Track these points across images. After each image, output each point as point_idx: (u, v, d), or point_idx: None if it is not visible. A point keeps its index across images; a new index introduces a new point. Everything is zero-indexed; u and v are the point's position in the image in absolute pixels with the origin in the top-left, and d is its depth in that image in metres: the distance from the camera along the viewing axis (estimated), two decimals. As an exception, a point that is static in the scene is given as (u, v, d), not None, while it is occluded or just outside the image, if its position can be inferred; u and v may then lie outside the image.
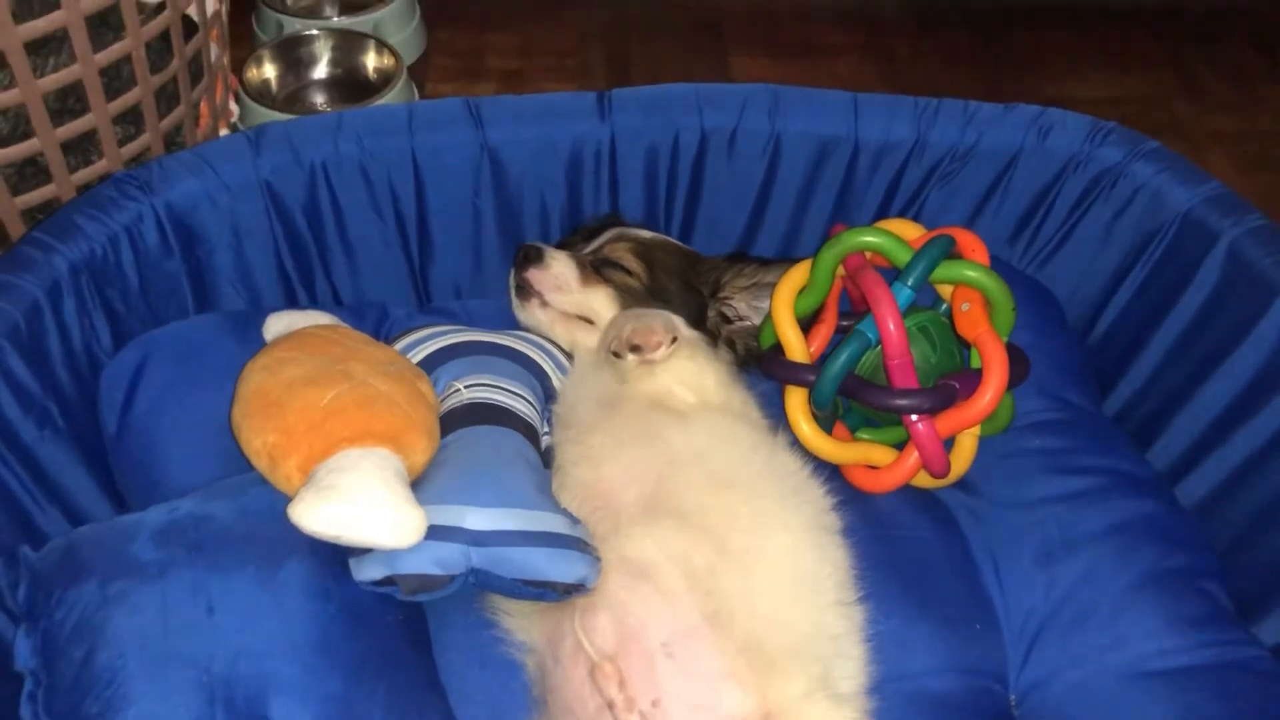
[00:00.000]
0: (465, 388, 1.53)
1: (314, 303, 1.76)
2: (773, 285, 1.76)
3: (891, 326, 1.57)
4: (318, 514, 1.22)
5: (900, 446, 1.72)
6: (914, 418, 1.59)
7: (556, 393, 1.66)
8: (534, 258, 1.60)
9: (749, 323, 1.79)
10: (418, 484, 1.38)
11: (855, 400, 1.66)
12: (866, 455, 1.71)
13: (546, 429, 1.61)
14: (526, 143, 1.68)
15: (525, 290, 1.60)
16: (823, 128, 1.80)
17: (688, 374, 1.49)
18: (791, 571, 1.36)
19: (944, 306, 1.74)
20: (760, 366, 1.73)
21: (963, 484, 1.68)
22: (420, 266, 1.80)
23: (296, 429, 1.34)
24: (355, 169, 1.67)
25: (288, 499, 1.31)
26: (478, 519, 1.31)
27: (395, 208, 1.72)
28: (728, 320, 1.78)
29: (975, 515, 1.66)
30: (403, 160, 1.66)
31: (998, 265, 1.53)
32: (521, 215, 1.76)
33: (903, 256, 1.66)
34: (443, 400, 1.54)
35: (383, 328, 1.82)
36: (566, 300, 1.60)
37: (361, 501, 1.24)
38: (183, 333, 1.59)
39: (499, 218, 1.73)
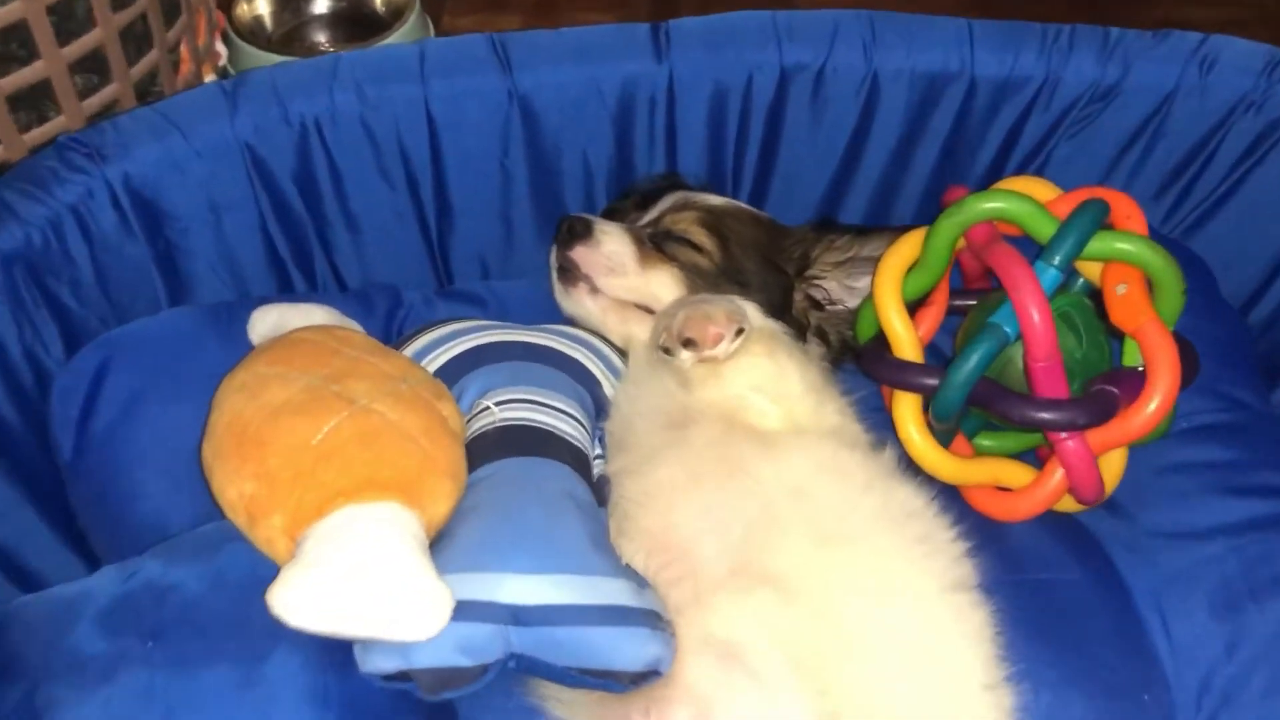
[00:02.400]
0: (497, 406, 1.21)
1: (313, 288, 1.56)
2: (873, 261, 1.44)
3: (1037, 319, 1.23)
4: (305, 604, 0.91)
5: (1025, 455, 1.42)
6: (1064, 434, 1.25)
7: (609, 403, 1.35)
8: (580, 233, 1.36)
9: (843, 307, 1.48)
10: (439, 542, 1.06)
11: (986, 411, 1.31)
12: (996, 475, 1.38)
13: (599, 451, 1.28)
14: (565, 88, 1.43)
15: (570, 273, 1.37)
16: (930, 62, 1.51)
17: (764, 377, 1.23)
18: (928, 652, 1.03)
19: (1080, 282, 1.39)
20: (860, 364, 1.40)
21: (1110, 505, 1.36)
22: (439, 242, 1.57)
23: (280, 477, 1.03)
24: (357, 125, 1.42)
25: (274, 564, 0.99)
26: (518, 589, 1.02)
27: (407, 171, 1.47)
28: (817, 305, 1.47)
29: (1131, 548, 1.33)
30: (415, 113, 1.41)
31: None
32: (560, 177, 1.52)
33: (1045, 228, 1.31)
34: (469, 420, 1.22)
35: (395, 317, 1.54)
36: (621, 285, 1.36)
37: (364, 584, 0.93)
38: (152, 331, 1.35)
39: (533, 181, 1.50)
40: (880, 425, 1.39)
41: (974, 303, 1.50)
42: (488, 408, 1.23)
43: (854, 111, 1.51)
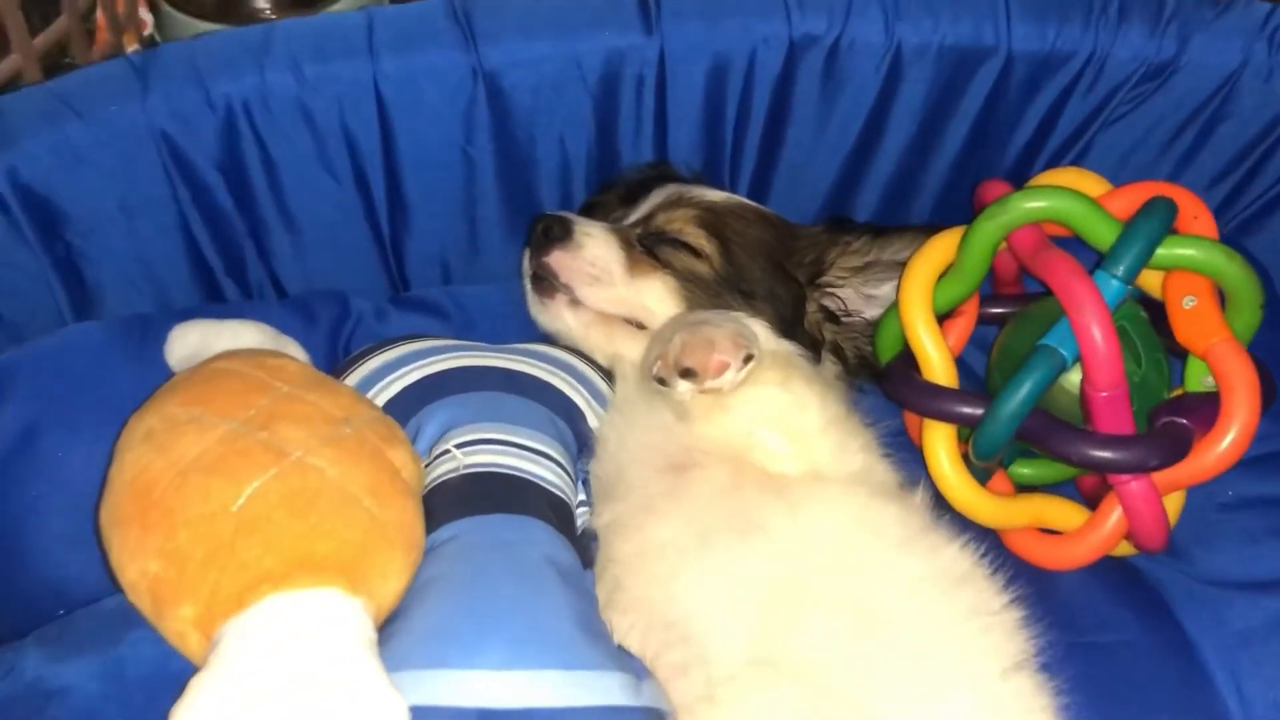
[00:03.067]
0: (461, 448, 1.01)
1: (246, 297, 1.39)
2: (895, 266, 1.26)
3: (1101, 343, 1.04)
4: (219, 734, 0.70)
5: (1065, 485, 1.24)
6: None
7: (595, 437, 1.16)
8: (558, 235, 1.21)
9: (861, 318, 1.29)
10: (391, 626, 0.86)
11: (1038, 447, 1.12)
12: (1042, 516, 1.20)
13: (583, 496, 1.08)
14: (538, 64, 1.26)
15: (547, 283, 1.22)
16: (961, 35, 1.33)
17: (777, 410, 1.07)
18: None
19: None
20: (884, 387, 1.23)
21: (1168, 545, 1.15)
22: (392, 243, 1.40)
23: (191, 555, 0.82)
24: (293, 109, 1.24)
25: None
26: (490, 690, 0.84)
27: (353, 162, 1.29)
28: (832, 317, 1.29)
29: (1196, 599, 1.16)
30: (362, 94, 1.24)
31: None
32: (533, 168, 1.36)
33: (1103, 231, 1.12)
34: (428, 466, 1.01)
35: (342, 331, 1.35)
36: (607, 297, 1.20)
37: (295, 700, 0.72)
38: (50, 352, 1.16)
39: (501, 173, 1.34)
40: (904, 452, 1.20)
41: (1009, 310, 1.31)
42: (449, 451, 1.02)
43: (872, 92, 1.35)
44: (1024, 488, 1.30)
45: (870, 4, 1.31)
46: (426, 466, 1.05)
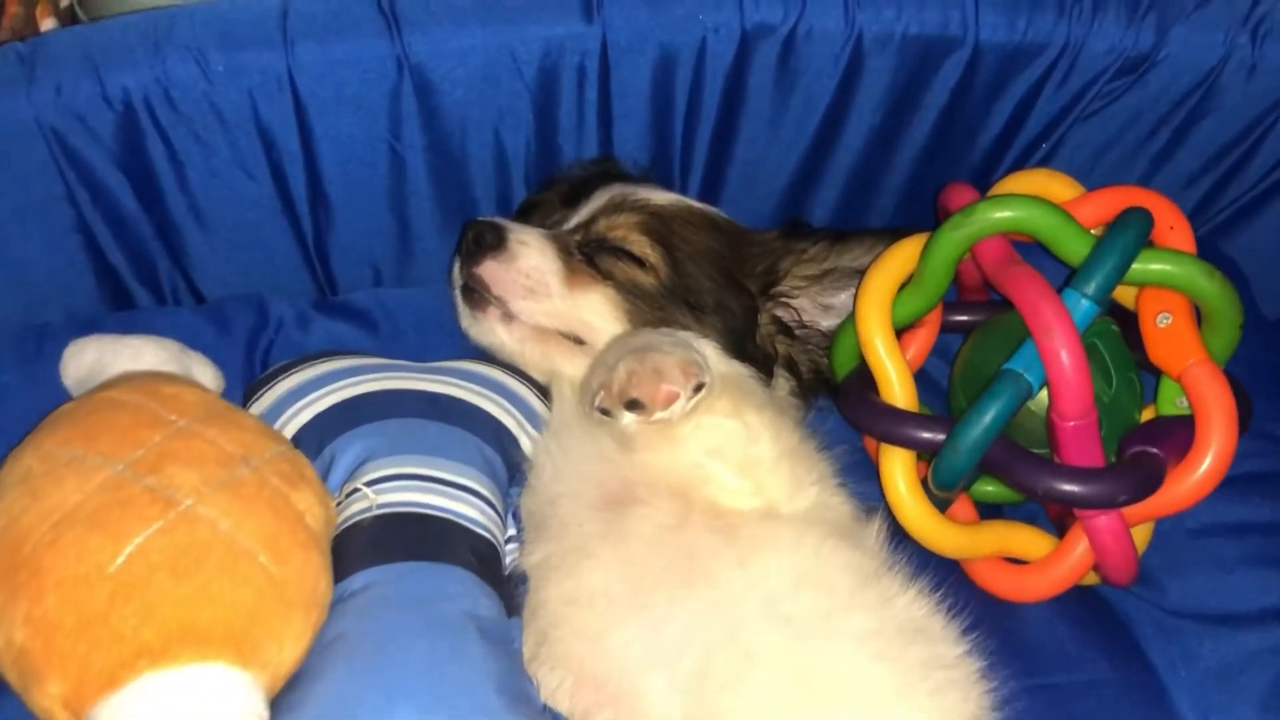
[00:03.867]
0: (375, 485, 0.92)
1: (160, 302, 1.31)
2: (853, 274, 1.20)
3: (1069, 369, 0.97)
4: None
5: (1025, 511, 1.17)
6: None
7: (528, 464, 1.07)
8: (490, 243, 1.13)
9: (817, 329, 1.22)
10: (290, 696, 0.77)
11: (1000, 478, 1.05)
12: (1006, 544, 1.13)
13: (512, 531, 0.99)
14: (469, 54, 1.16)
15: (478, 295, 1.15)
16: (926, 24, 1.23)
17: (728, 440, 1.00)
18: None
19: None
20: (841, 407, 1.15)
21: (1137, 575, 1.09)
22: (315, 243, 1.31)
23: (60, 624, 0.74)
24: (200, 103, 1.14)
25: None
26: None
27: (270, 159, 1.20)
28: (786, 330, 1.21)
29: (1166, 633, 1.11)
30: (275, 87, 1.14)
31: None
32: (466, 165, 1.27)
33: (1075, 245, 1.05)
34: (339, 504, 0.92)
35: (259, 341, 1.27)
36: (543, 310, 1.13)
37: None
38: None
39: (433, 169, 1.25)
40: (864, 470, 1.13)
41: (973, 319, 1.23)
42: (360, 491, 0.93)
43: (830, 84, 1.26)
44: (988, 507, 1.22)
45: (830, -11, 1.21)
46: (338, 504, 0.96)
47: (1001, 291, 1.07)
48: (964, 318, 1.26)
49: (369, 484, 0.96)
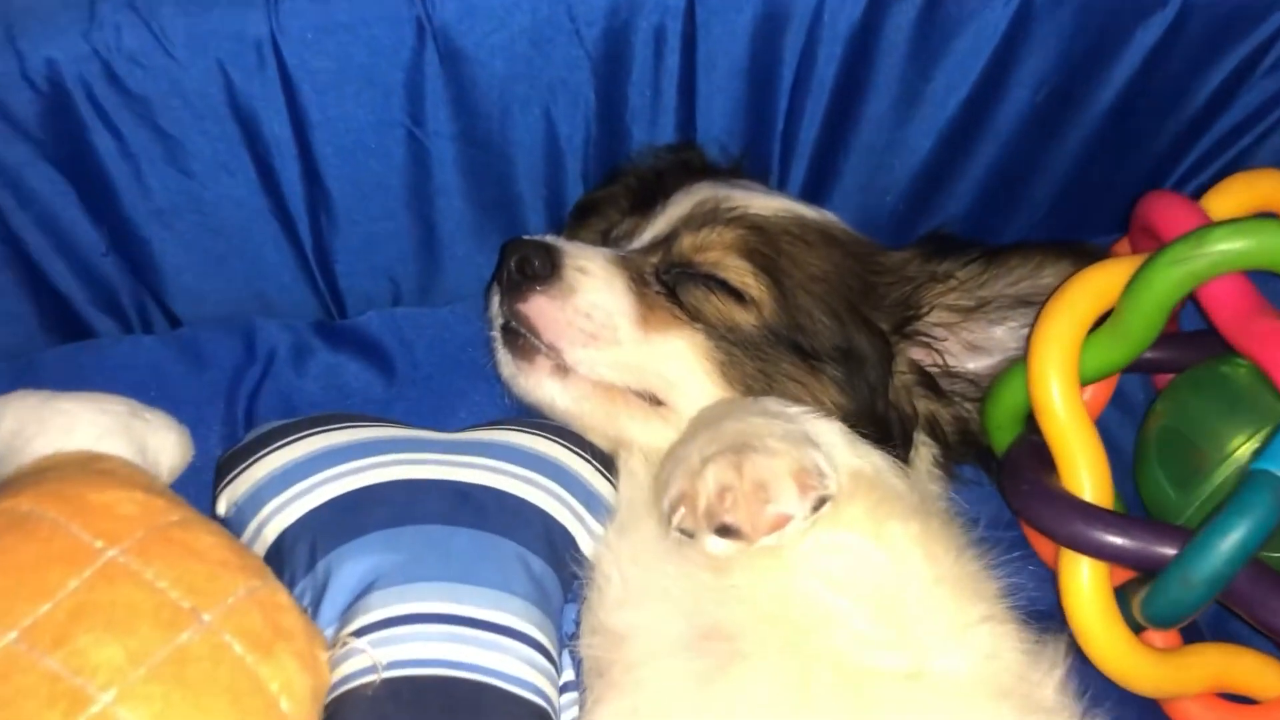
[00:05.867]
0: (381, 632, 0.68)
1: (124, 328, 1.08)
2: (1014, 304, 0.96)
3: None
4: None
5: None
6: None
7: (589, 573, 0.84)
8: (540, 271, 0.90)
9: (966, 381, 0.96)
10: None
11: (1243, 612, 0.77)
12: (1224, 676, 0.90)
13: (569, 674, 0.76)
14: (511, 13, 0.94)
15: (524, 339, 0.91)
16: None
17: (859, 568, 0.76)
18: None
19: None
20: (1009, 494, 0.91)
21: None
22: (316, 253, 1.08)
23: None
24: (155, 78, 0.90)
25: None
26: None
27: (253, 151, 0.98)
28: (928, 381, 0.95)
29: None
30: (255, 57, 0.91)
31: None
32: (508, 155, 1.04)
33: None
34: (332, 657, 0.68)
35: (243, 380, 1.05)
36: (608, 361, 0.90)
37: None
38: None
39: (463, 160, 1.03)
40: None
41: (1166, 357, 0.99)
42: (354, 647, 0.67)
43: (983, 52, 1.01)
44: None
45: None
46: (332, 655, 0.69)
47: (1243, 350, 0.79)
48: (1154, 355, 0.96)
49: (376, 627, 0.70)
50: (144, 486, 0.76)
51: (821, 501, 0.71)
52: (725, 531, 0.70)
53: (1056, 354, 0.87)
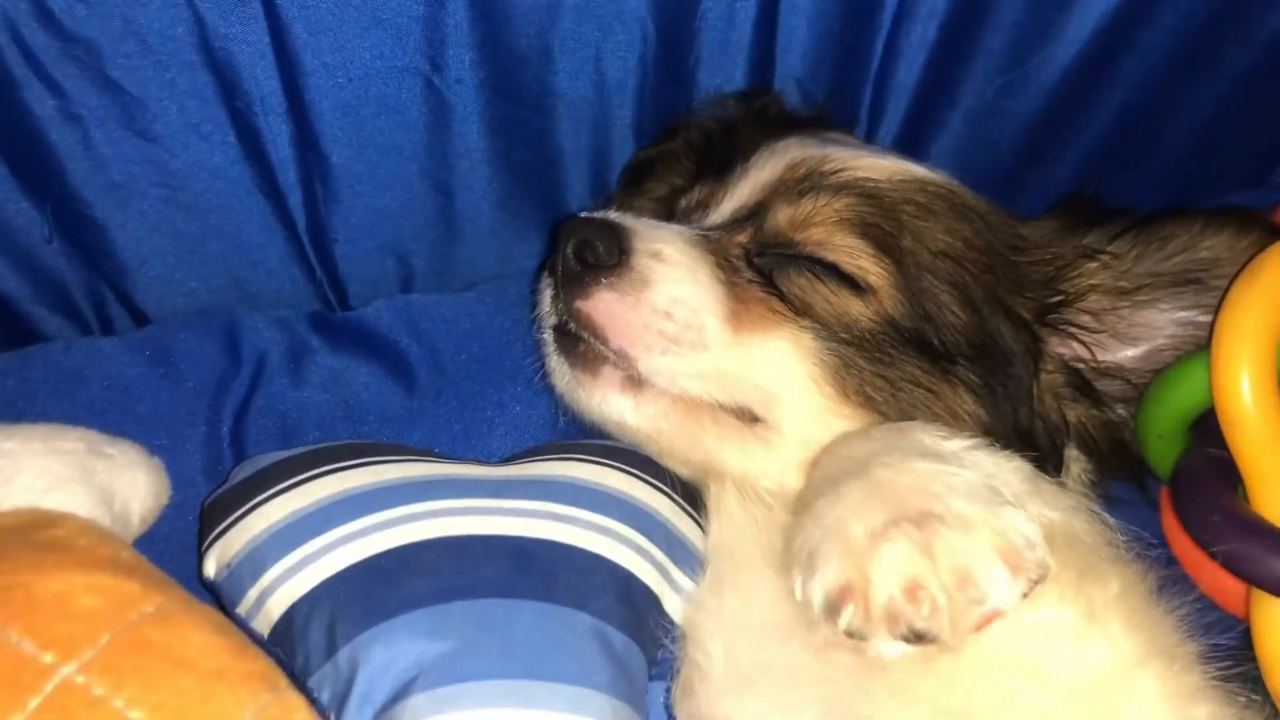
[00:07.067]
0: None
1: (79, 329, 0.91)
2: (1176, 283, 0.79)
3: None
4: None
5: None
6: None
7: (677, 642, 0.68)
8: (606, 257, 0.73)
9: (1123, 380, 0.79)
10: None
11: None
12: None
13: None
14: None
15: (586, 344, 0.74)
16: None
17: (1064, 656, 0.61)
18: None
19: None
20: (1186, 518, 0.74)
21: None
22: (311, 232, 0.90)
23: None
24: (108, 23, 0.74)
25: None
26: None
27: (232, 108, 0.82)
28: (1079, 381, 0.78)
29: None
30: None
31: None
32: (545, 105, 0.88)
33: None
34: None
35: (228, 392, 0.86)
36: (693, 370, 0.72)
37: None
38: None
39: (491, 114, 0.87)
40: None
41: None
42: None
43: None
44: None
45: None
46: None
47: None
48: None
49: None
50: (109, 561, 0.58)
51: (1034, 584, 0.55)
52: (914, 637, 0.54)
53: (1249, 347, 0.72)
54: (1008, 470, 0.63)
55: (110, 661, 0.53)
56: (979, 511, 0.57)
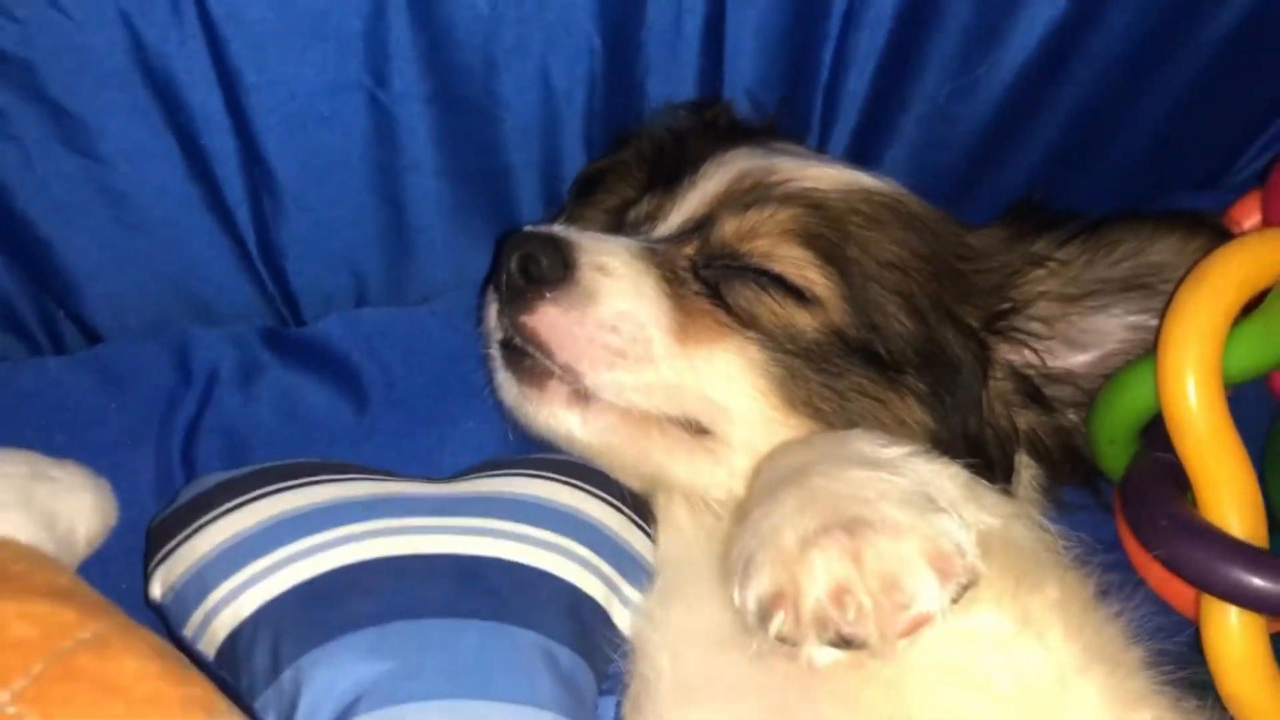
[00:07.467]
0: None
1: (29, 347, 0.90)
2: (1124, 288, 0.80)
3: None
4: None
5: None
6: None
7: (625, 656, 0.69)
8: (550, 272, 0.72)
9: (1073, 386, 0.80)
10: None
11: None
12: None
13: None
14: None
15: (532, 360, 0.74)
16: None
17: (1000, 662, 0.61)
18: None
19: None
20: (1138, 526, 0.75)
21: None
22: (261, 246, 0.89)
23: None
24: (41, 39, 0.72)
25: None
26: None
27: (174, 124, 0.79)
28: (1028, 387, 0.78)
29: None
30: (170, 6, 0.73)
31: None
32: (493, 117, 0.87)
33: None
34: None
35: (178, 413, 0.85)
36: (640, 383, 0.72)
37: None
38: None
39: (440, 127, 0.86)
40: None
41: None
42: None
43: None
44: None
45: None
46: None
47: None
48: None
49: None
50: (45, 588, 0.57)
51: (963, 590, 0.55)
52: (843, 642, 0.54)
53: (1195, 351, 0.72)
54: (944, 477, 0.62)
55: (42, 691, 0.52)
56: (910, 518, 0.56)
